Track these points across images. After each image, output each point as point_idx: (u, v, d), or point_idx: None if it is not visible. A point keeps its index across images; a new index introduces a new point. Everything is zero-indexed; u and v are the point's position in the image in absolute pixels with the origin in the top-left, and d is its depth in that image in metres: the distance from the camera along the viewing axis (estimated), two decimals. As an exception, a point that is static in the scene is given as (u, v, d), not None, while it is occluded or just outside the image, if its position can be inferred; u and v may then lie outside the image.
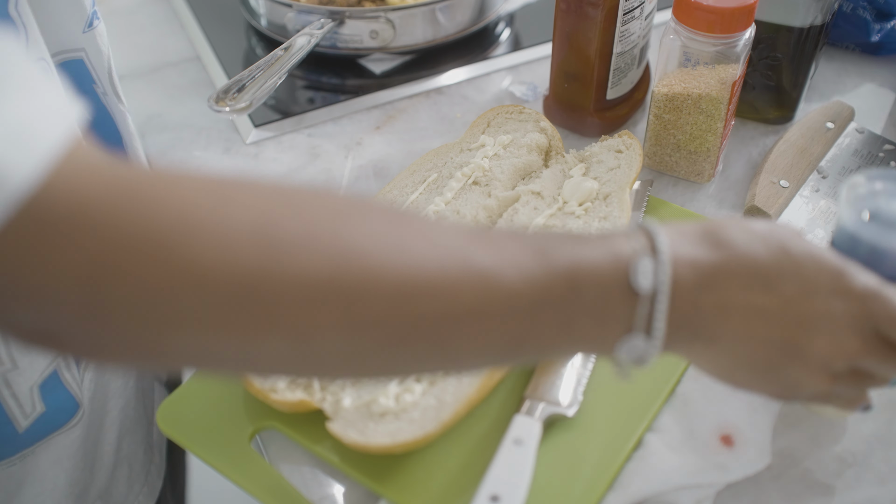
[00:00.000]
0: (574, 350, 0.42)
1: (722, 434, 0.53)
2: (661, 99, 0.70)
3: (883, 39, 0.85)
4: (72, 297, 0.30)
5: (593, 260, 0.38)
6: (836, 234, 0.49)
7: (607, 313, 0.39)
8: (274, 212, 0.34)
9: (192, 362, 0.37)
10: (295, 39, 0.81)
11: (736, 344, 0.41)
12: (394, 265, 0.34)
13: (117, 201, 0.31)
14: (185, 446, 0.56)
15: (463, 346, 0.37)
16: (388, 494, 0.52)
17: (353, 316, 0.34)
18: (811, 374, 0.42)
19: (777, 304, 0.40)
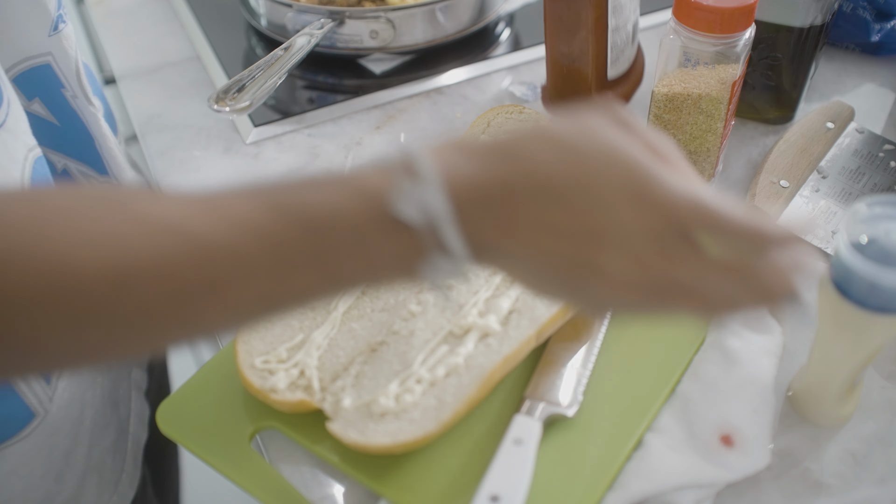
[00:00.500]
0: (360, 285, 0.40)
1: (722, 434, 0.53)
2: (661, 99, 0.70)
3: (883, 39, 0.85)
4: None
5: (332, 202, 0.36)
6: (834, 260, 0.49)
7: (373, 251, 0.37)
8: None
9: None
10: (295, 39, 0.81)
11: (531, 261, 0.39)
12: (97, 258, 0.34)
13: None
14: (186, 446, 0.56)
15: (210, 317, 0.36)
16: (388, 494, 0.52)
17: (70, 314, 0.34)
18: (613, 289, 0.39)
19: (566, 219, 0.38)
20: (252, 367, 0.56)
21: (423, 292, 0.60)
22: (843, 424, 0.57)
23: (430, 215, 0.36)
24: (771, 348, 0.57)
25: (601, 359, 0.59)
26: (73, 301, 0.34)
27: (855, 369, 0.53)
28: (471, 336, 0.56)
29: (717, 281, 0.39)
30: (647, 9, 0.96)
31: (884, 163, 0.74)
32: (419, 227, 0.37)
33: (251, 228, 0.35)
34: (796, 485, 0.54)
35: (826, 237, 0.69)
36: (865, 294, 0.48)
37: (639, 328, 0.61)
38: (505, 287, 0.59)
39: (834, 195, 0.72)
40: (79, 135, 0.63)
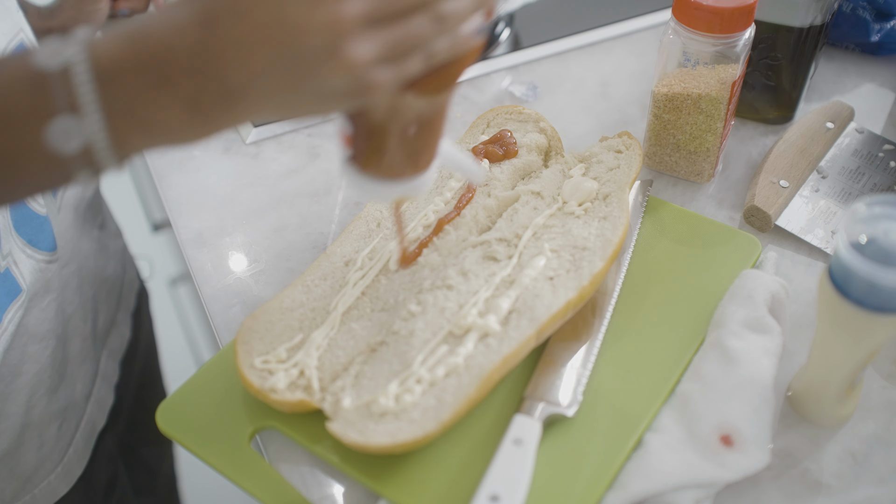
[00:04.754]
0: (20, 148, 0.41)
1: (722, 434, 0.53)
2: (660, 99, 0.70)
3: (883, 39, 0.85)
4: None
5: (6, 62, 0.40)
6: (833, 260, 0.49)
7: (13, 102, 0.39)
8: None
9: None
10: (295, 39, 0.81)
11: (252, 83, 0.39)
12: None
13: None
14: (185, 446, 0.56)
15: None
16: (388, 494, 0.52)
17: None
18: (326, 69, 0.39)
19: (254, 23, 0.38)
20: (252, 367, 0.56)
21: (422, 292, 0.60)
22: (842, 424, 0.57)
23: (68, 62, 0.38)
24: (771, 348, 0.57)
25: (601, 359, 0.59)
26: None
27: (854, 369, 0.53)
28: (470, 336, 0.56)
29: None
30: (647, 9, 0.96)
31: (883, 163, 0.74)
32: (53, 76, 0.38)
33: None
34: (796, 485, 0.54)
35: (826, 237, 0.69)
36: (865, 294, 0.48)
37: (639, 327, 0.61)
38: (505, 287, 0.59)
39: (834, 195, 0.72)
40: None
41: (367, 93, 0.40)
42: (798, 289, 0.65)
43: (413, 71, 0.42)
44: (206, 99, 0.39)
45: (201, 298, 0.69)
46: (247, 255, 0.71)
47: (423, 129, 0.48)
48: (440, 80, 0.44)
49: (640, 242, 0.67)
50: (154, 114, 0.40)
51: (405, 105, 0.45)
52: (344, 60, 0.39)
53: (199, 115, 0.40)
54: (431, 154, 0.50)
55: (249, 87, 0.39)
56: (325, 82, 0.39)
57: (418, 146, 0.48)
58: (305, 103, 0.41)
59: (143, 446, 0.98)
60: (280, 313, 0.60)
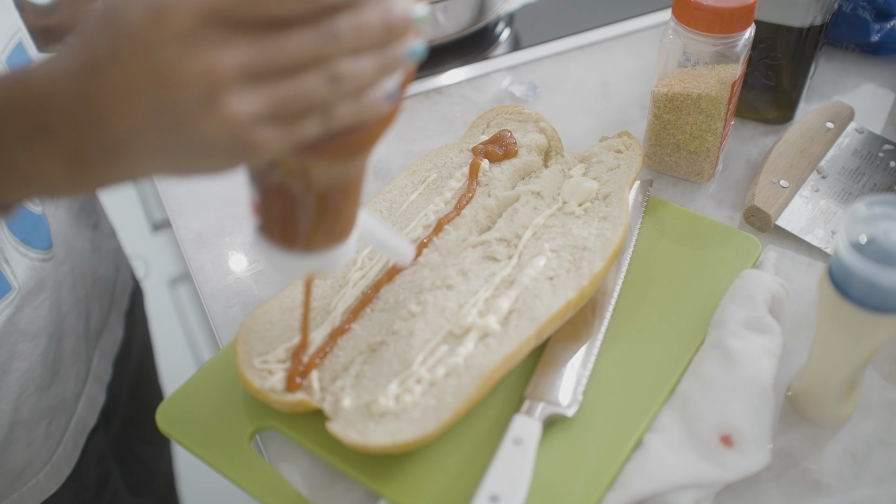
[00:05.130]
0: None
1: (722, 434, 0.53)
2: (660, 99, 0.70)
3: (883, 39, 0.85)
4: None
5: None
6: (833, 260, 0.49)
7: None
8: None
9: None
10: (295, 39, 0.81)
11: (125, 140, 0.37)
12: None
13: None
14: (186, 446, 0.56)
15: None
16: (388, 494, 0.52)
17: None
18: (202, 122, 0.36)
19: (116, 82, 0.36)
20: (252, 367, 0.56)
21: (422, 292, 0.60)
22: (842, 424, 0.57)
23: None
24: (771, 348, 0.57)
25: (601, 359, 0.59)
26: None
27: (854, 369, 0.53)
28: (470, 336, 0.56)
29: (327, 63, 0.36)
30: (647, 9, 0.96)
31: (883, 163, 0.74)
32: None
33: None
34: (796, 485, 0.54)
35: (826, 237, 0.69)
36: (865, 294, 0.48)
37: (639, 327, 0.61)
38: (505, 287, 0.59)
39: (834, 195, 0.72)
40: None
41: (249, 152, 0.37)
42: (798, 289, 0.65)
43: (308, 134, 0.38)
44: (87, 152, 0.37)
45: (201, 298, 0.69)
46: (247, 255, 0.71)
47: (336, 197, 0.43)
48: (348, 147, 0.40)
49: (640, 242, 0.67)
50: (32, 165, 0.38)
51: (311, 171, 0.41)
52: (219, 114, 0.35)
53: (81, 169, 0.38)
54: (347, 225, 0.46)
55: (131, 140, 0.37)
56: (202, 136, 0.36)
57: (331, 216, 0.44)
58: (189, 159, 0.38)
59: (140, 445, 0.98)
60: (280, 313, 0.60)
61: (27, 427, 0.68)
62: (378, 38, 0.37)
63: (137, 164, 0.38)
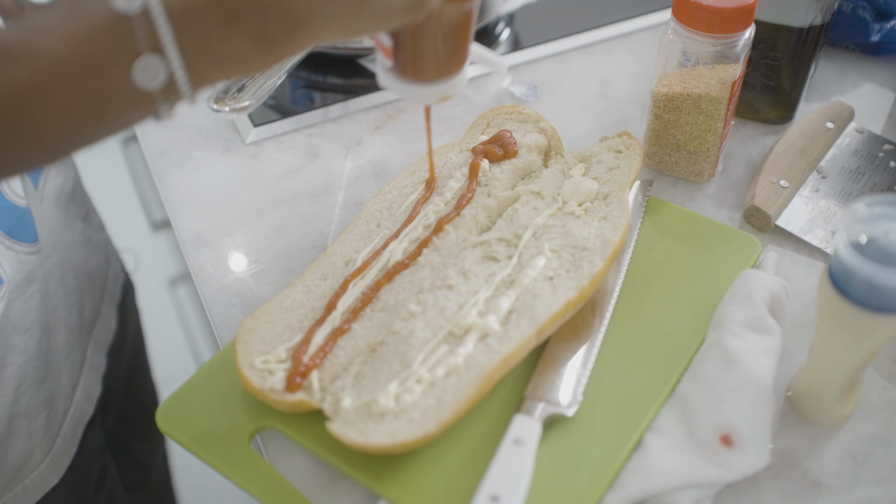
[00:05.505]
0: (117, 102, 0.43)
1: (722, 434, 0.53)
2: (660, 99, 0.70)
3: (883, 39, 0.85)
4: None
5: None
6: (833, 260, 0.49)
7: (96, 42, 0.41)
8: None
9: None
10: (295, 39, 0.81)
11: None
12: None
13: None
14: (186, 446, 0.56)
15: (40, 120, 0.41)
16: (388, 494, 0.52)
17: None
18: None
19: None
20: (252, 367, 0.56)
21: (422, 292, 0.60)
22: (842, 424, 0.57)
23: (143, 6, 0.40)
24: (771, 348, 0.57)
25: (601, 359, 0.59)
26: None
27: (854, 369, 0.53)
28: (470, 336, 0.56)
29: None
30: (647, 9, 0.96)
31: (883, 163, 0.74)
32: (135, 20, 0.41)
33: (59, 35, 0.41)
34: (796, 485, 0.54)
35: (826, 237, 0.69)
36: (865, 294, 0.48)
37: (639, 327, 0.61)
38: (505, 287, 0.59)
39: (834, 195, 0.72)
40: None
41: (423, 7, 0.45)
42: (798, 289, 0.65)
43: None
44: (271, 31, 0.42)
45: (201, 298, 0.69)
46: (247, 255, 0.71)
47: (457, 33, 0.52)
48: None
49: (640, 242, 0.67)
50: (225, 48, 0.42)
51: (443, 12, 0.49)
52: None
53: (265, 47, 0.43)
54: (465, 54, 0.55)
55: (313, 15, 0.42)
56: (387, 2, 0.43)
57: (454, 48, 0.53)
58: (365, 23, 0.44)
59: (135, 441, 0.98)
60: (280, 313, 0.60)
61: (27, 418, 0.68)
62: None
63: (316, 35, 0.44)
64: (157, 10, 0.40)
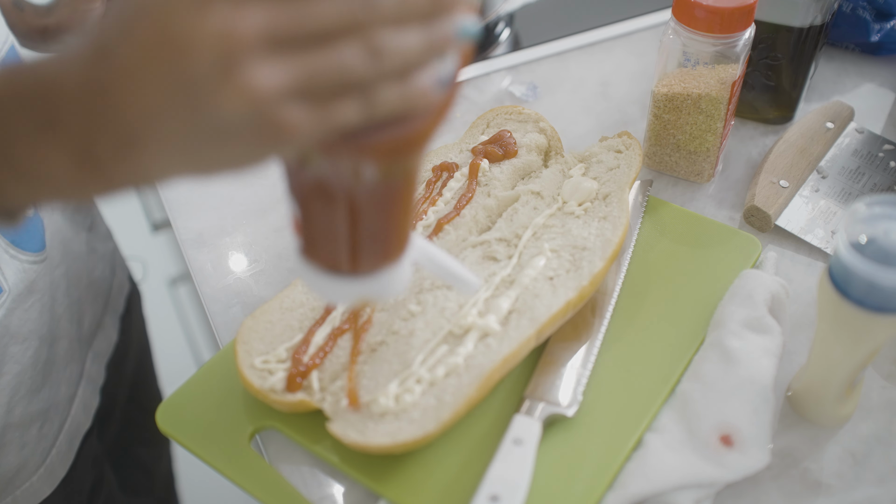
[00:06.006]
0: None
1: (722, 434, 0.53)
2: (660, 99, 0.70)
3: (883, 39, 0.85)
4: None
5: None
6: (833, 260, 0.49)
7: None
8: None
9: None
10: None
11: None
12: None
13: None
14: (185, 446, 0.56)
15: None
16: (388, 494, 0.52)
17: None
18: (219, 95, 0.31)
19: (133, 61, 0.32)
20: (252, 367, 0.56)
21: (422, 292, 0.60)
22: (842, 424, 0.57)
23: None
24: (771, 348, 0.57)
25: (601, 359, 0.59)
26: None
27: (854, 369, 0.53)
28: (470, 336, 0.56)
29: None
30: (647, 9, 0.96)
31: (883, 163, 0.74)
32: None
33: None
34: (796, 485, 0.54)
35: (826, 237, 0.69)
36: (865, 294, 0.48)
37: (639, 327, 0.61)
38: (505, 287, 0.59)
39: (834, 195, 0.72)
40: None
41: (276, 136, 0.32)
42: (798, 289, 0.65)
43: (346, 119, 0.33)
44: (97, 146, 0.34)
45: (201, 298, 0.69)
46: (247, 255, 0.71)
47: (383, 206, 0.38)
48: (396, 142, 0.34)
49: (640, 242, 0.67)
50: (38, 162, 0.35)
51: (353, 173, 0.35)
52: (238, 85, 0.31)
53: (89, 167, 0.35)
54: (398, 242, 0.41)
55: (146, 128, 0.33)
56: (221, 115, 0.32)
57: (378, 229, 0.39)
58: (208, 149, 0.33)
59: (139, 447, 0.98)
60: (280, 313, 0.60)
61: (20, 429, 0.68)
62: (422, 8, 0.32)
63: (151, 160, 0.34)
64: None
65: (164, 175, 0.35)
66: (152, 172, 0.35)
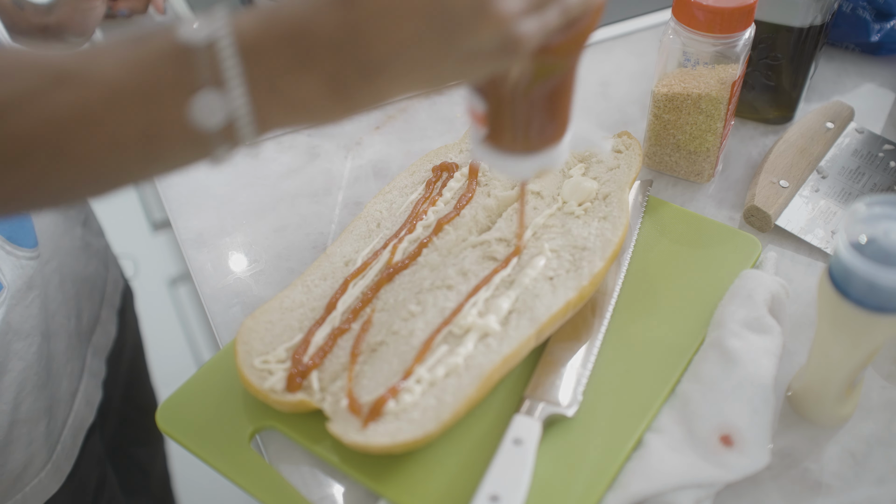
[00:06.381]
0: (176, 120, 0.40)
1: (722, 434, 0.53)
2: (660, 99, 0.70)
3: (883, 39, 0.85)
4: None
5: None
6: (833, 260, 0.49)
7: (162, 73, 0.38)
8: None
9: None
10: (295, 39, 0.81)
11: (391, 52, 0.38)
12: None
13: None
14: (185, 446, 0.56)
15: (86, 149, 0.38)
16: (388, 494, 0.52)
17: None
18: (476, 28, 0.38)
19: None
20: (252, 367, 0.56)
21: (422, 292, 0.60)
22: (842, 424, 0.57)
23: (213, 36, 0.37)
24: (771, 348, 0.57)
25: (601, 359, 0.59)
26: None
27: (854, 369, 0.53)
28: (470, 336, 0.56)
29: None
30: (647, 9, 0.96)
31: (883, 163, 0.74)
32: (198, 51, 0.38)
33: (117, 61, 0.38)
34: (796, 485, 0.54)
35: (826, 237, 0.69)
36: (865, 294, 0.48)
37: (639, 327, 0.61)
38: (505, 287, 0.59)
39: (834, 195, 0.72)
40: None
41: (514, 49, 0.39)
42: (798, 289, 0.65)
43: (552, 24, 0.40)
44: (347, 77, 0.39)
45: (201, 298, 0.69)
46: (247, 255, 0.71)
47: (558, 96, 0.47)
48: (571, 40, 0.43)
49: (640, 242, 0.67)
50: (296, 90, 0.39)
51: (541, 69, 0.43)
52: (494, 15, 0.37)
53: (340, 94, 0.39)
54: (566, 121, 0.49)
55: (394, 60, 0.38)
56: (474, 42, 0.38)
57: (554, 114, 0.47)
58: (451, 70, 0.39)
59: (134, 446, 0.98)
60: (280, 313, 0.60)
61: (27, 425, 0.68)
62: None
63: (396, 84, 0.39)
64: (224, 42, 0.37)
65: (402, 94, 0.40)
66: (394, 93, 0.40)
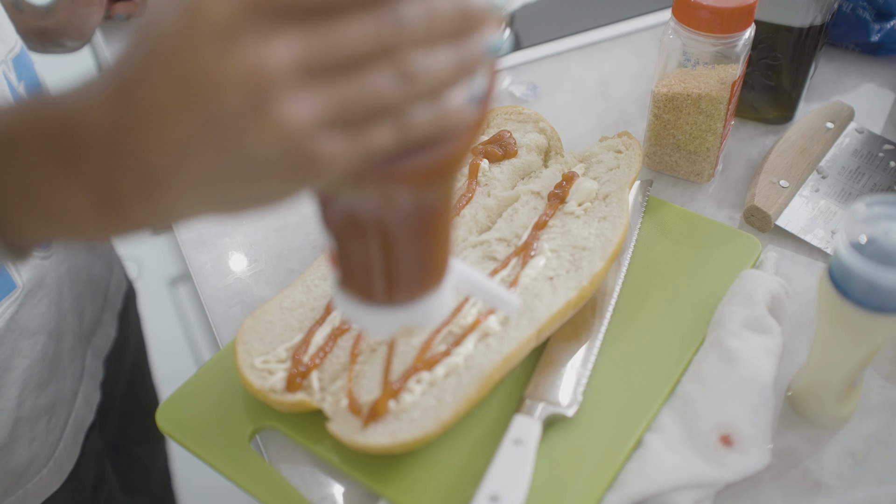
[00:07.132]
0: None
1: (722, 434, 0.53)
2: (660, 99, 0.70)
3: (883, 39, 0.85)
4: None
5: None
6: (833, 260, 0.49)
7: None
8: None
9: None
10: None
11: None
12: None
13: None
14: (185, 446, 0.56)
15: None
16: (388, 494, 0.52)
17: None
18: (252, 134, 0.30)
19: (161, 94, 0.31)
20: (252, 367, 0.56)
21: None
22: (842, 424, 0.57)
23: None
24: (771, 348, 0.57)
25: (601, 359, 0.59)
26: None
27: (854, 369, 0.53)
28: (471, 336, 0.56)
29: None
30: (647, 9, 0.96)
31: (883, 163, 0.74)
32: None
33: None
34: (796, 485, 0.54)
35: (826, 237, 0.69)
36: (865, 294, 0.48)
37: (639, 327, 0.61)
38: (505, 287, 0.59)
39: (834, 195, 0.72)
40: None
41: (311, 169, 0.31)
42: (798, 289, 0.65)
43: (380, 145, 0.31)
44: (119, 186, 0.33)
45: (201, 298, 0.69)
46: (247, 255, 0.71)
47: (421, 234, 0.37)
48: (431, 166, 0.33)
49: (640, 242, 0.67)
50: (57, 198, 0.34)
51: (390, 200, 0.34)
52: (271, 121, 0.29)
53: (110, 206, 0.33)
54: (438, 269, 0.39)
55: (170, 168, 0.31)
56: (253, 153, 0.30)
57: (416, 257, 0.38)
58: (238, 188, 0.32)
59: (135, 445, 0.98)
60: (280, 313, 0.60)
61: (29, 423, 0.68)
62: (452, 27, 0.31)
63: (175, 200, 0.33)
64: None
65: (187, 215, 0.34)
66: (176, 212, 0.34)
